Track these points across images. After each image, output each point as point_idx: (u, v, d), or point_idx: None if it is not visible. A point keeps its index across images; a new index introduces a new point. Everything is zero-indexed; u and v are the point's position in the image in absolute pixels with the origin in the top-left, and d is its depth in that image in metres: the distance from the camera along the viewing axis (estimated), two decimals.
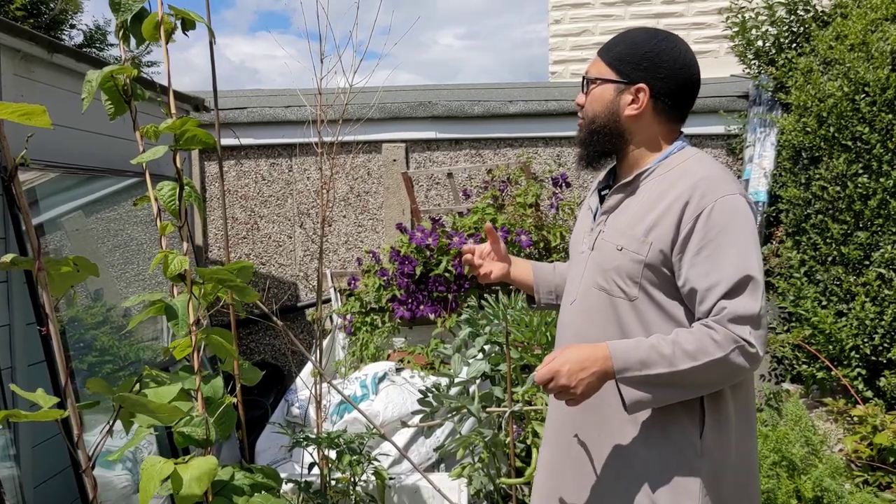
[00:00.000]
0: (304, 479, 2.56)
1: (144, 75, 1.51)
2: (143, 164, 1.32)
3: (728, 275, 1.39)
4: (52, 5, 9.07)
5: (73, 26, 9.89)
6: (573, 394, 1.41)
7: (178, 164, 1.30)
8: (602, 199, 1.65)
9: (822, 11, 4.32)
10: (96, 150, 3.15)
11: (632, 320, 1.51)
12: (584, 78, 1.62)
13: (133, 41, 1.29)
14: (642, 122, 1.56)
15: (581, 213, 1.77)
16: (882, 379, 3.66)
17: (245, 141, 5.01)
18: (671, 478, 1.48)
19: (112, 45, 10.41)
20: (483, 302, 2.86)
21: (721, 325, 1.38)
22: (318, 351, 2.78)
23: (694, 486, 1.47)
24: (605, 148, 1.59)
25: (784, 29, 4.41)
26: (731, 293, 1.39)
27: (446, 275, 3.96)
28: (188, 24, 1.28)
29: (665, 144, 1.58)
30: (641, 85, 1.53)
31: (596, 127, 1.58)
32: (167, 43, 1.24)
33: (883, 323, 3.65)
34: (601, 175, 1.74)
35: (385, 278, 4.08)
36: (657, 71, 1.52)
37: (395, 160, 5.02)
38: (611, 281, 1.53)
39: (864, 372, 3.73)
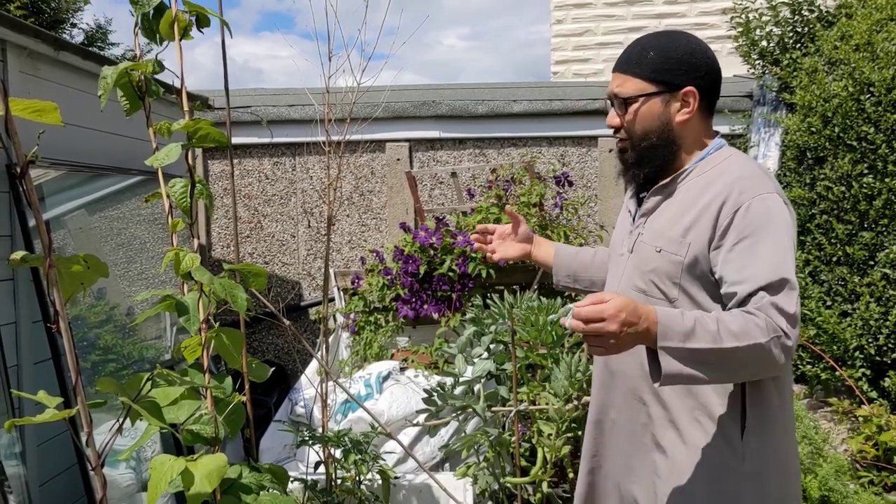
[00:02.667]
0: (310, 478, 2.56)
1: (169, 72, 1.50)
2: (155, 163, 1.31)
3: (764, 272, 1.37)
4: (53, 4, 9.06)
5: (74, 25, 9.88)
6: (610, 345, 1.28)
7: (191, 161, 1.30)
8: (640, 202, 1.63)
9: (827, 11, 4.32)
10: (101, 148, 3.15)
11: None
12: (615, 99, 1.56)
13: (158, 36, 1.28)
14: (690, 124, 1.55)
15: (620, 216, 1.77)
16: (886, 379, 3.66)
17: (248, 140, 5.01)
18: (712, 481, 1.47)
19: (112, 44, 10.40)
20: (488, 301, 2.86)
21: (763, 311, 1.34)
22: (323, 349, 2.77)
23: (735, 488, 1.46)
24: (664, 160, 1.56)
25: (788, 29, 4.41)
26: (769, 289, 1.36)
27: (450, 274, 3.95)
28: (203, 21, 1.27)
29: (706, 142, 1.57)
30: (689, 88, 1.51)
31: (650, 143, 1.54)
32: (181, 40, 1.23)
33: (888, 323, 3.65)
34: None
35: (389, 277, 4.07)
36: (698, 70, 1.52)
37: (398, 159, 5.02)
38: (650, 283, 1.52)
39: (868, 372, 3.73)
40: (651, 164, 1.56)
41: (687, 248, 1.46)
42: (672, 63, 1.51)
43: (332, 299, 4.46)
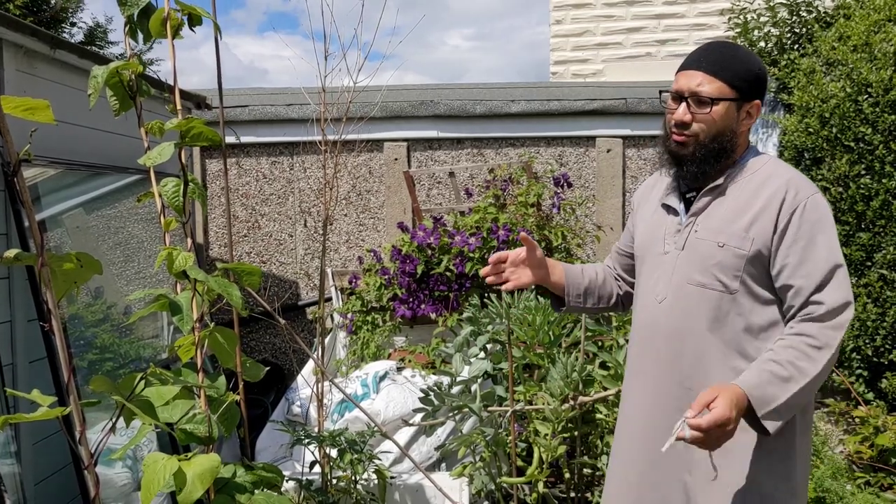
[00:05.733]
0: (305, 478, 2.56)
1: (151, 72, 1.50)
2: (148, 162, 1.31)
3: (818, 268, 1.54)
4: (52, 2, 9.07)
5: (73, 24, 9.89)
6: (726, 439, 1.45)
7: (184, 160, 1.30)
8: (686, 201, 1.74)
9: (825, 12, 4.32)
10: (98, 147, 3.15)
11: (730, 311, 1.62)
12: (692, 96, 1.64)
13: (141, 37, 1.28)
14: (745, 133, 1.70)
15: (648, 215, 1.83)
16: (883, 381, 3.66)
17: (246, 139, 5.00)
18: (778, 462, 1.59)
19: (112, 43, 10.40)
20: (485, 301, 2.86)
21: (815, 321, 1.52)
22: (320, 349, 2.77)
23: (794, 465, 1.60)
24: (724, 162, 1.67)
25: (786, 30, 4.41)
26: (823, 285, 1.53)
27: (447, 274, 3.95)
28: (195, 20, 1.27)
29: (744, 148, 1.72)
30: (757, 102, 1.67)
31: (719, 146, 1.65)
32: (173, 39, 1.23)
33: (885, 324, 3.65)
34: (660, 177, 1.81)
35: (386, 277, 4.07)
36: (763, 87, 1.68)
37: (396, 159, 5.02)
38: (710, 276, 1.63)
39: (865, 374, 3.73)
40: (713, 165, 1.66)
41: (751, 242, 1.59)
42: (751, 75, 1.64)
43: (330, 299, 4.46)
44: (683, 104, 1.64)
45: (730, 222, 1.63)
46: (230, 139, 4.86)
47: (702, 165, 1.66)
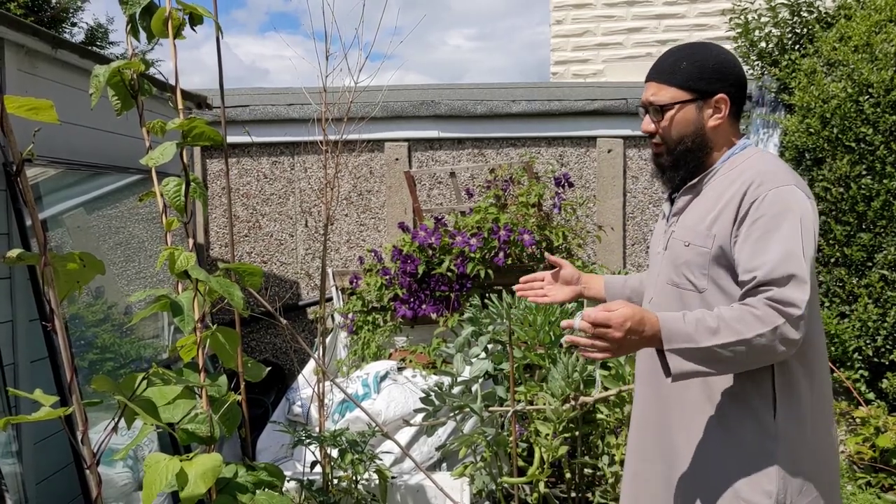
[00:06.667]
0: (306, 478, 2.56)
1: (155, 71, 1.50)
2: (150, 162, 1.31)
3: (771, 263, 1.45)
4: (52, 2, 9.07)
5: (74, 24, 9.89)
6: (610, 351, 1.43)
7: (185, 160, 1.30)
8: (672, 203, 1.75)
9: (826, 13, 4.32)
10: (99, 147, 3.15)
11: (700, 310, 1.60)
12: (650, 106, 1.67)
13: (143, 36, 1.28)
14: (721, 128, 1.66)
15: (659, 220, 1.88)
16: (884, 381, 3.66)
17: (247, 139, 5.00)
18: (749, 462, 1.55)
19: (113, 43, 10.40)
20: (486, 301, 2.86)
21: (765, 303, 1.44)
22: (321, 349, 2.77)
23: (771, 468, 1.54)
24: (698, 162, 1.67)
25: (787, 30, 4.41)
26: (775, 282, 1.45)
27: (448, 274, 3.95)
28: (196, 20, 1.27)
29: (733, 142, 1.68)
30: (721, 95, 1.64)
31: (685, 148, 1.66)
32: (175, 38, 1.23)
33: (885, 325, 3.65)
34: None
35: (387, 277, 4.07)
36: (728, 78, 1.65)
37: (397, 159, 5.02)
38: (681, 275, 1.64)
39: (866, 374, 3.73)
40: (686, 167, 1.67)
41: (712, 240, 1.57)
42: (705, 72, 1.63)
43: (330, 299, 4.46)
44: (647, 115, 1.69)
45: (698, 221, 1.63)
46: (235, 139, 4.86)
47: (676, 170, 1.68)
